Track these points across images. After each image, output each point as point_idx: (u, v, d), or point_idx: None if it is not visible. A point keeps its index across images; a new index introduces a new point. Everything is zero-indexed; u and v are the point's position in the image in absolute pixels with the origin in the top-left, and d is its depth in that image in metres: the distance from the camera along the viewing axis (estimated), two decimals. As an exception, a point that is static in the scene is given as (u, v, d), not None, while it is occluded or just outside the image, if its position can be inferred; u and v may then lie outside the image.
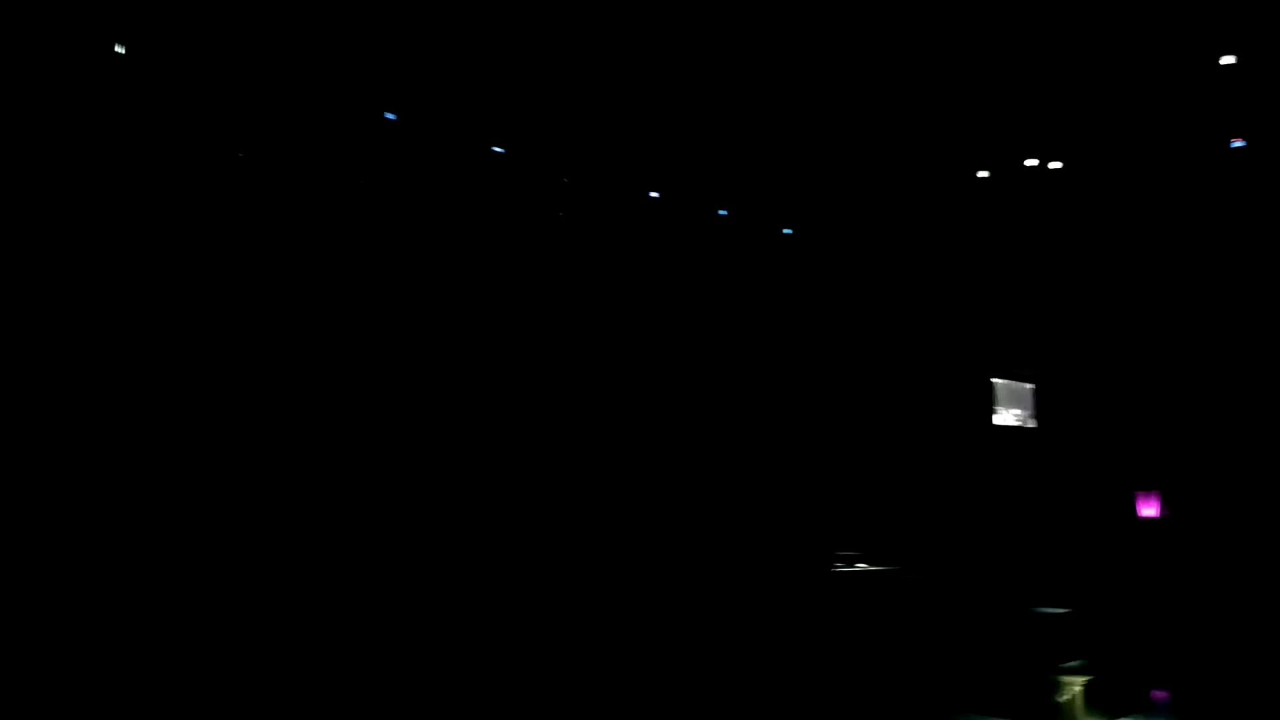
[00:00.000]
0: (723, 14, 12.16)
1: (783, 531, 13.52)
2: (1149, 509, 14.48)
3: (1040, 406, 16.08)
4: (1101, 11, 12.62)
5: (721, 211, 14.09)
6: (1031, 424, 16.12)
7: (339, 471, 10.36)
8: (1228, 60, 12.90)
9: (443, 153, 11.65)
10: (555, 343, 12.38)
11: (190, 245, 9.78)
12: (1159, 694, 10.48)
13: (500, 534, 11.25)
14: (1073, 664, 10.18)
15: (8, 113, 8.68)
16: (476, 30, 11.36)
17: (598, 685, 9.29)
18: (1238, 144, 13.97)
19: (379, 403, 10.85)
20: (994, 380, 15.92)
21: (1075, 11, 12.60)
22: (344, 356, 10.70)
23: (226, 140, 10.09)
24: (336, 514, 10.20)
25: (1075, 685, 9.39)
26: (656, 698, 9.04)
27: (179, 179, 9.79)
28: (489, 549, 11.05)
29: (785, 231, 14.92)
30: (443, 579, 10.51)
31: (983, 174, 14.91)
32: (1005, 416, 15.96)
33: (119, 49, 9.31)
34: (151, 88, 9.58)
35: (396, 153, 11.26)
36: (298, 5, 10.39)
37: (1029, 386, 16.25)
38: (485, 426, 11.59)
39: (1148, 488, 14.57)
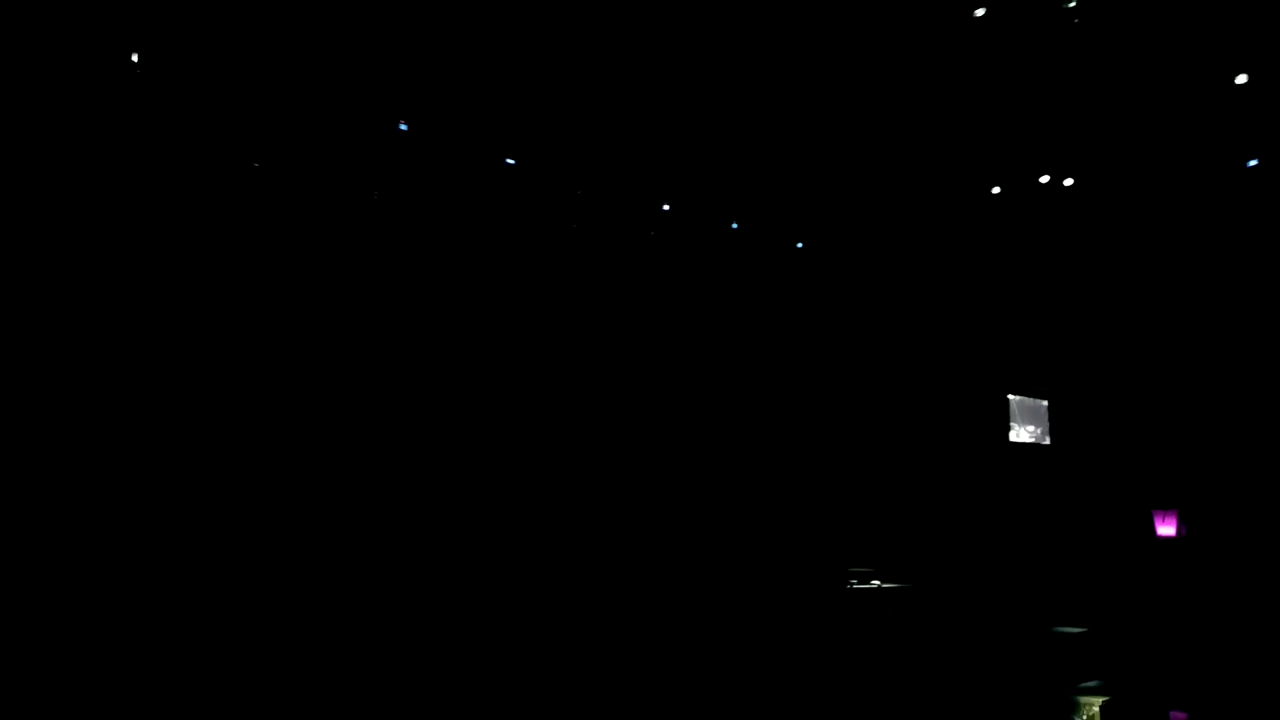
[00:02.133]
0: (739, 30, 12.18)
1: (799, 546, 13.43)
2: (1167, 527, 14.33)
3: (1056, 423, 15.97)
4: (1119, 30, 12.61)
5: (734, 225, 14.07)
6: (1047, 441, 16.00)
7: (378, 484, 10.40)
8: (1242, 80, 12.88)
9: (456, 164, 11.66)
10: (569, 356, 12.34)
11: (211, 259, 9.82)
12: (1178, 715, 10.31)
13: (527, 555, 11.21)
14: (1090, 684, 10.05)
15: (26, 121, 8.74)
16: (492, 42, 11.39)
17: (622, 697, 9.22)
18: (1253, 163, 13.92)
19: (397, 415, 10.84)
20: (1010, 396, 15.82)
21: (1093, 30, 12.60)
22: (360, 368, 10.70)
23: (242, 151, 10.12)
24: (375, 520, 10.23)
25: (1093, 705, 9.25)
26: (675, 709, 8.94)
27: (199, 191, 9.83)
28: (519, 571, 11.01)
29: (798, 245, 14.89)
30: (461, 591, 10.49)
31: (996, 190, 14.87)
32: (1021, 433, 15.84)
33: (134, 58, 9.36)
34: (171, 99, 9.62)
35: (410, 163, 11.27)
36: (316, 16, 10.44)
37: (1044, 403, 16.14)
38: (499, 440, 11.54)
39: (1165, 506, 14.42)
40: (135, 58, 9.37)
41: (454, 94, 11.50)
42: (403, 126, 11.15)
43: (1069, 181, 14.60)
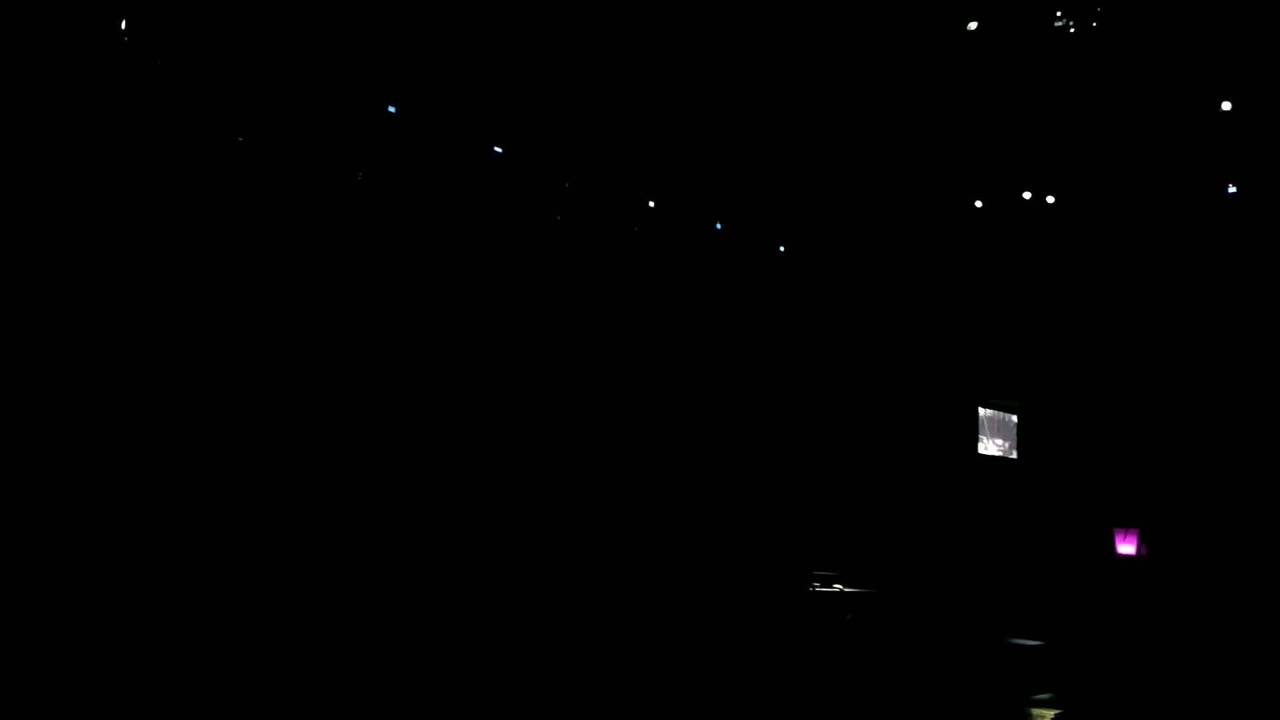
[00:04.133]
0: (729, 32, 12.21)
1: (765, 548, 13.49)
2: (1127, 546, 14.51)
3: (1024, 437, 16.12)
4: (1107, 53, 12.73)
5: (717, 225, 14.11)
6: (1014, 455, 16.17)
7: (324, 469, 10.30)
8: (1226, 106, 13.02)
9: (443, 148, 11.61)
10: (543, 350, 12.34)
11: (184, 237, 9.70)
12: (1127, 731, 10.44)
13: (490, 547, 11.18)
14: (1043, 696, 10.16)
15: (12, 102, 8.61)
16: (484, 30, 11.36)
17: (582, 695, 9.25)
18: (1232, 189, 14.07)
19: (369, 402, 10.78)
20: (980, 409, 15.96)
21: (1082, 52, 12.71)
22: (335, 355, 10.63)
23: (227, 128, 10.02)
24: (323, 513, 10.15)
25: (1044, 717, 9.35)
26: (632, 708, 8.99)
27: (176, 167, 9.73)
28: (474, 568, 10.98)
29: (780, 249, 14.95)
30: (423, 590, 10.46)
31: (978, 204, 14.97)
32: (989, 446, 15.99)
33: (122, 26, 9.27)
34: (154, 77, 9.52)
35: (396, 147, 11.22)
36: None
37: (1013, 417, 16.29)
38: (472, 433, 11.52)
39: (1127, 524, 14.60)
40: (124, 25, 9.28)
41: (446, 79, 11.46)
42: (391, 109, 11.11)
43: (1050, 199, 14.70)
